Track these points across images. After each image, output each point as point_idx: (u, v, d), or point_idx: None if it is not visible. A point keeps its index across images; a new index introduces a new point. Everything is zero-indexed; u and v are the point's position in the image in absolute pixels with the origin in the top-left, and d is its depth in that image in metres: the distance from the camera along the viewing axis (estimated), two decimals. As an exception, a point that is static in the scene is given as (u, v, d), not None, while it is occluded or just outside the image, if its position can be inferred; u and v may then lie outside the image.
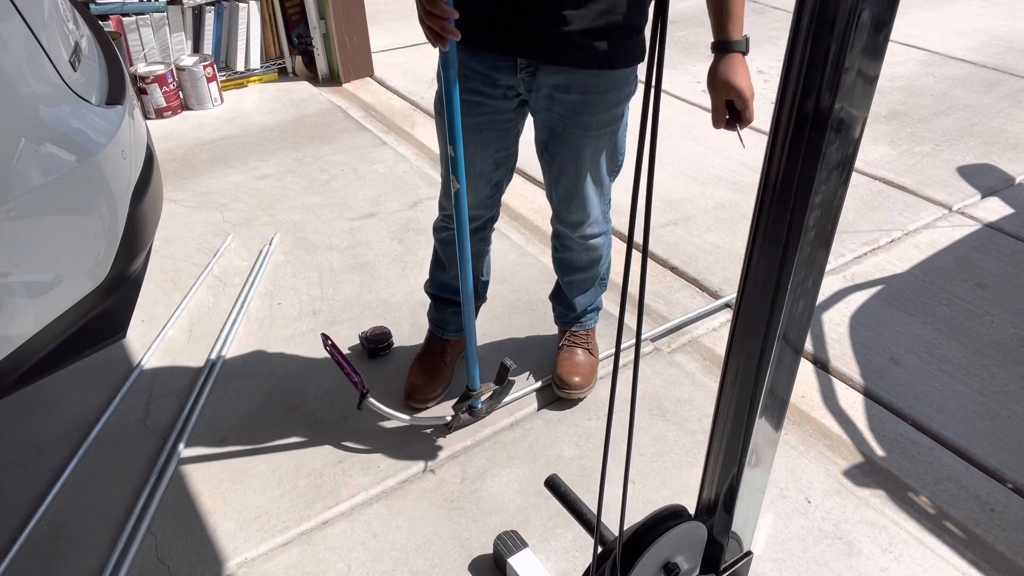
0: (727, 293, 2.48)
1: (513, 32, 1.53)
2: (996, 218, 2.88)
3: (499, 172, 1.80)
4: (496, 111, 1.66)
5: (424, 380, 2.03)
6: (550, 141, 1.70)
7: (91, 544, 1.69)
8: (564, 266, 2.00)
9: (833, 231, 0.92)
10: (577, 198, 1.77)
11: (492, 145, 1.71)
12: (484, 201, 1.84)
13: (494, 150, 1.73)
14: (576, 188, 1.75)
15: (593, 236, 1.87)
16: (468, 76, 1.60)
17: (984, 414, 2.02)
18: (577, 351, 2.07)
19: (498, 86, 1.62)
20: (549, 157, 1.74)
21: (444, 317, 2.09)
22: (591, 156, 1.69)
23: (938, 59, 4.41)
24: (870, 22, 0.75)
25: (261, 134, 3.55)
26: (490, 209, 1.89)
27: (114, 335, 1.44)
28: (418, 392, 2.02)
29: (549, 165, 1.75)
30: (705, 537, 1.22)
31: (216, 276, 2.57)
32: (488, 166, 1.76)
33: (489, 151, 1.72)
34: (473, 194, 1.78)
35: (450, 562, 1.66)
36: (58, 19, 1.39)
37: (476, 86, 1.62)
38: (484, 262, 2.04)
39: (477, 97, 1.63)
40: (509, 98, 1.65)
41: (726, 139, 3.45)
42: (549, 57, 1.56)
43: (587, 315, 2.10)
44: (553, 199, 1.83)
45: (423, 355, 2.10)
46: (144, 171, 1.50)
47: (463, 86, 1.60)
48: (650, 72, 0.68)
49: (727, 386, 1.07)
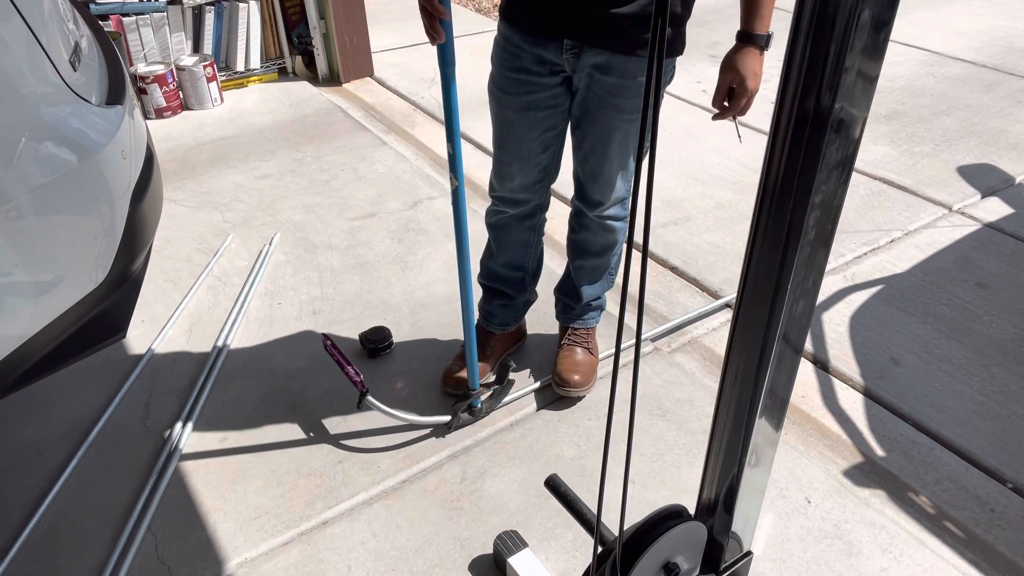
0: (727, 293, 2.48)
1: (562, 15, 1.60)
2: (996, 218, 2.88)
3: (547, 155, 1.83)
4: (542, 88, 1.71)
5: (460, 367, 2.04)
6: (583, 119, 1.74)
7: (91, 544, 1.69)
8: (578, 248, 2.01)
9: (833, 231, 0.92)
10: (601, 178, 1.80)
11: (539, 125, 1.76)
12: (532, 185, 1.87)
13: (541, 130, 1.77)
14: (601, 168, 1.78)
15: (611, 218, 1.89)
16: (516, 55, 1.68)
17: (984, 414, 2.02)
18: (577, 350, 2.07)
19: (545, 63, 1.68)
20: (580, 135, 1.77)
21: (490, 308, 2.12)
22: (620, 139, 1.72)
23: (938, 59, 4.41)
24: (870, 22, 0.75)
25: (261, 134, 3.55)
26: (539, 195, 1.91)
27: (114, 335, 1.44)
28: (449, 376, 2.04)
29: (579, 143, 1.79)
30: (705, 537, 1.22)
31: (216, 276, 2.57)
32: (536, 147, 1.79)
33: (536, 131, 1.77)
34: (521, 176, 1.84)
35: (450, 562, 1.66)
36: (58, 19, 1.39)
37: (524, 64, 1.69)
38: (531, 252, 2.05)
39: (525, 75, 1.70)
40: (555, 74, 1.70)
41: (726, 139, 3.45)
42: (595, 40, 1.61)
43: (590, 312, 2.10)
44: (579, 176, 1.86)
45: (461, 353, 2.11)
46: (144, 171, 1.50)
47: (512, 65, 1.70)
48: (650, 72, 0.68)
49: (727, 386, 1.07)
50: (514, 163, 1.83)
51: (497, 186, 1.91)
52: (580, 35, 1.61)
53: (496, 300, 2.10)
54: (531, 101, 1.73)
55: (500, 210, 1.95)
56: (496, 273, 2.07)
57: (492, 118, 1.82)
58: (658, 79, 0.69)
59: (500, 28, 1.72)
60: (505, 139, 1.80)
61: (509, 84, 1.72)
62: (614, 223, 1.90)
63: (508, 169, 1.85)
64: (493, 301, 2.11)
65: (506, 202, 1.92)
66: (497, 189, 1.91)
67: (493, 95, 1.78)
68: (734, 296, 2.48)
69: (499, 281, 2.08)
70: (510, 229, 1.98)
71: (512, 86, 1.72)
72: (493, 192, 1.94)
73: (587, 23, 1.59)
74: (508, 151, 1.82)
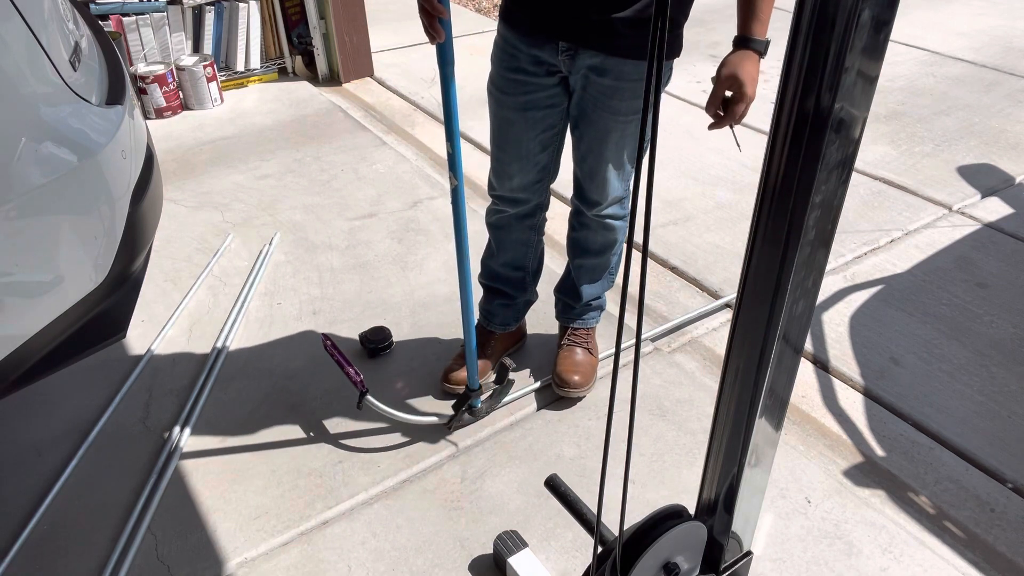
0: (727, 293, 2.48)
1: (558, 17, 1.60)
2: (996, 218, 2.88)
3: (545, 154, 1.83)
4: (539, 88, 1.72)
5: (460, 366, 2.04)
6: (580, 120, 1.74)
7: (91, 544, 1.69)
8: (577, 247, 2.01)
9: (833, 231, 0.92)
10: (598, 178, 1.80)
11: (538, 125, 1.77)
12: (531, 185, 1.88)
13: (540, 130, 1.78)
14: (598, 169, 1.78)
15: (610, 216, 1.89)
16: (514, 55, 1.69)
17: (984, 414, 2.02)
18: (577, 350, 2.07)
19: (541, 63, 1.69)
20: (577, 135, 1.78)
21: (491, 308, 2.12)
22: (616, 140, 1.72)
23: (938, 59, 4.41)
24: (870, 22, 0.75)
25: (261, 134, 3.55)
26: (538, 195, 1.92)
27: (114, 335, 1.44)
28: (448, 375, 2.05)
29: (577, 143, 1.79)
30: (705, 537, 1.22)
31: (216, 276, 2.57)
32: (534, 146, 1.80)
33: (535, 131, 1.77)
34: (520, 176, 1.85)
35: (450, 562, 1.66)
36: (58, 19, 1.39)
37: (521, 65, 1.69)
38: (531, 252, 2.05)
39: (522, 76, 1.71)
40: (552, 75, 1.70)
41: (726, 139, 3.45)
42: (590, 43, 1.61)
43: (590, 312, 2.10)
44: (577, 176, 1.86)
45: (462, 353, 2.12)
46: (144, 171, 1.50)
47: (510, 65, 1.71)
48: (650, 72, 0.68)
49: (727, 386, 1.07)
50: (513, 163, 1.83)
51: (496, 185, 1.91)
52: (575, 37, 1.62)
53: (497, 299, 2.10)
54: (529, 101, 1.73)
55: (500, 209, 1.96)
56: (496, 272, 2.07)
57: (491, 118, 1.82)
58: (658, 79, 0.69)
59: (499, 29, 1.73)
60: (504, 139, 1.81)
61: (507, 84, 1.73)
62: (613, 222, 1.91)
63: (507, 169, 1.85)
64: (494, 300, 2.11)
65: (506, 201, 1.92)
66: (497, 188, 1.91)
67: (492, 95, 1.79)
68: (734, 296, 2.48)
69: (499, 281, 2.08)
70: (510, 228, 1.99)
71: (510, 86, 1.73)
72: (492, 191, 1.94)
73: (583, 26, 1.59)
74: (507, 151, 1.82)
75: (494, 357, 2.12)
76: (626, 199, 1.89)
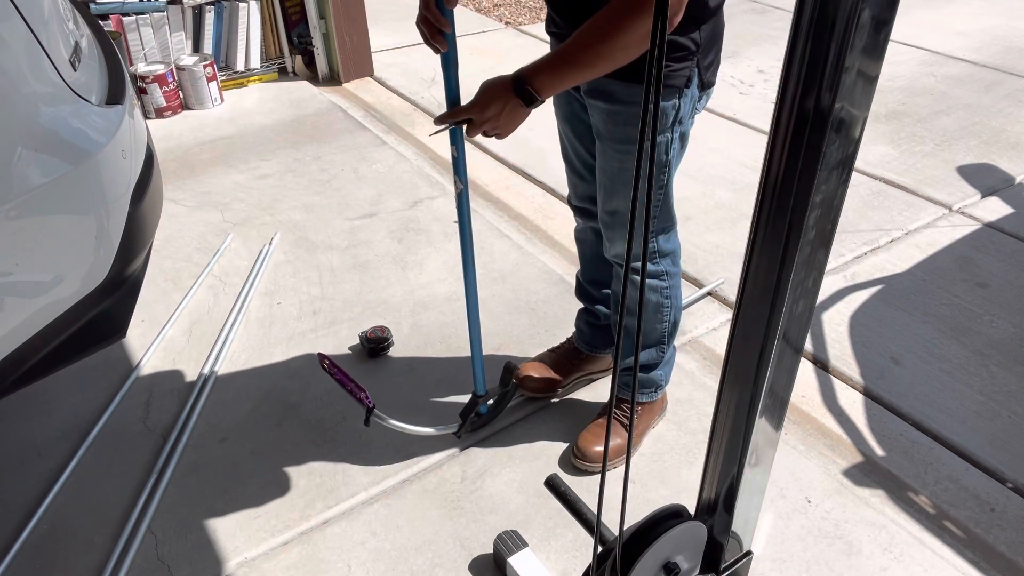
0: (727, 293, 2.48)
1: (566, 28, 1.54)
2: (996, 218, 2.88)
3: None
4: (574, 100, 1.69)
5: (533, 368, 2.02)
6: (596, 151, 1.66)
7: (91, 544, 1.69)
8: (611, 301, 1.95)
9: (833, 231, 0.92)
10: (603, 215, 1.70)
11: (586, 136, 1.71)
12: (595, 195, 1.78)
13: (589, 141, 1.70)
14: (606, 204, 1.68)
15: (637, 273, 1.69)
16: None
17: (984, 414, 2.02)
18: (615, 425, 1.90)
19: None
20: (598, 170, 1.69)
21: (579, 325, 2.06)
22: (613, 174, 1.62)
23: (938, 59, 4.41)
24: (870, 22, 0.75)
25: (261, 134, 3.55)
26: None
27: (114, 335, 1.44)
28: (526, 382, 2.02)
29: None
30: (705, 537, 1.22)
31: (216, 276, 2.57)
32: (585, 154, 1.76)
33: (581, 142, 1.74)
34: (582, 185, 1.81)
35: (450, 562, 1.66)
36: (58, 19, 1.39)
37: None
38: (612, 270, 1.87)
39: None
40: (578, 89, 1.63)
41: (726, 139, 3.45)
42: None
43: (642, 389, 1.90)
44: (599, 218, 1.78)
45: (551, 350, 2.09)
46: (144, 171, 1.50)
47: None
48: (650, 72, 0.68)
49: (727, 386, 1.07)
50: (571, 172, 1.83)
51: (569, 195, 1.90)
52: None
53: (585, 317, 2.04)
54: (569, 112, 1.72)
55: (576, 219, 1.93)
56: (582, 288, 2.01)
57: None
58: (657, 82, 0.68)
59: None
60: (562, 148, 1.82)
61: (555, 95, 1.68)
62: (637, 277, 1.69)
63: (569, 177, 1.86)
64: (583, 317, 2.05)
65: (579, 212, 1.89)
66: (570, 199, 1.90)
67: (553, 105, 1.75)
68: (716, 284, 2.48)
69: (585, 297, 2.01)
70: (586, 241, 1.93)
71: (556, 97, 1.72)
72: (569, 203, 1.93)
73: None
74: (565, 159, 1.83)
75: (569, 374, 2.05)
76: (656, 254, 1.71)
